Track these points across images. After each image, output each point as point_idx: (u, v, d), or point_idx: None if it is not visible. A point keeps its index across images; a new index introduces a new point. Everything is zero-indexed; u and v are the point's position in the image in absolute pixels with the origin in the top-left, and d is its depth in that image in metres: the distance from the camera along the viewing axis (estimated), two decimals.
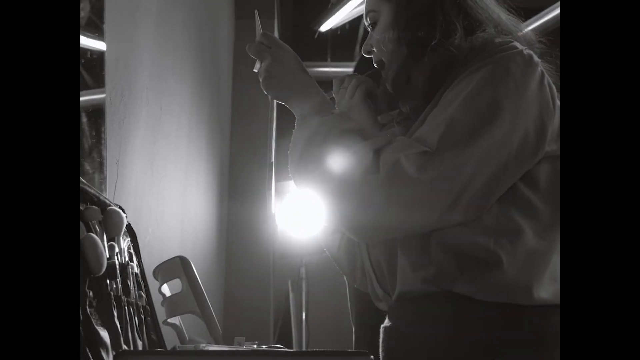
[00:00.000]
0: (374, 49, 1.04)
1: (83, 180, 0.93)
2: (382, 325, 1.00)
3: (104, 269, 0.83)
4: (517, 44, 0.92)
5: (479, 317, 0.85)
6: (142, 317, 0.96)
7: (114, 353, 0.74)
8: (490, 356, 0.84)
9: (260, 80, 1.05)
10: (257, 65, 1.06)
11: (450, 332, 0.87)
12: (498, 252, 0.84)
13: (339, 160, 0.88)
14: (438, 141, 0.84)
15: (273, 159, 3.45)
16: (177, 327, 1.05)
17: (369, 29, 1.06)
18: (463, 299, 0.86)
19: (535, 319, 0.84)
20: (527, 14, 1.05)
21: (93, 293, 0.80)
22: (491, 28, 0.96)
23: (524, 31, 1.01)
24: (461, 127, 0.85)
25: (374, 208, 0.85)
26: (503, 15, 1.00)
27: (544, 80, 0.89)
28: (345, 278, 1.62)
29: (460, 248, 0.86)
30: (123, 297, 0.89)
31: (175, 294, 1.05)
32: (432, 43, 0.94)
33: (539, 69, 0.90)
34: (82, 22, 1.11)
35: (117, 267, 0.89)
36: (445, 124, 0.85)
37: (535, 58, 0.90)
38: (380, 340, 0.98)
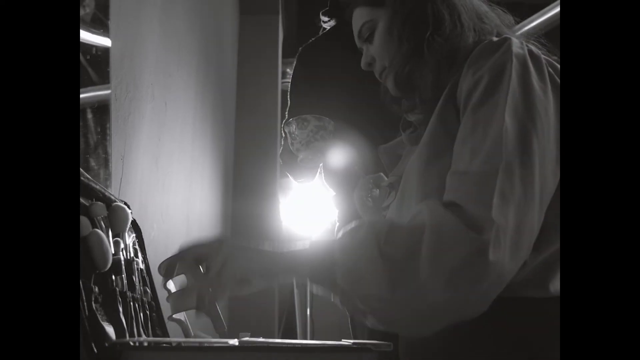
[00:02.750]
0: (375, 58, 1.06)
1: (88, 176, 0.93)
2: None
3: (109, 265, 0.84)
4: (515, 40, 0.91)
5: (494, 311, 0.85)
6: (148, 312, 0.97)
7: (108, 344, 0.73)
8: (507, 348, 0.84)
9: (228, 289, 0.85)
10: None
11: (465, 326, 0.86)
12: None
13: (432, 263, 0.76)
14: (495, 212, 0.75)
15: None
16: (182, 322, 1.05)
17: (362, 47, 1.08)
18: None
19: (549, 310, 0.83)
20: (531, 10, 1.06)
21: (98, 289, 0.80)
22: (476, 20, 0.98)
23: (515, 26, 1.03)
24: (509, 182, 0.77)
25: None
26: (486, 8, 1.03)
27: (545, 74, 0.88)
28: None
29: None
30: (128, 293, 0.89)
31: (181, 289, 1.05)
32: (427, 35, 0.96)
33: (543, 59, 0.89)
34: (87, 18, 1.11)
35: (123, 263, 0.89)
36: (488, 181, 0.78)
37: (535, 49, 0.90)
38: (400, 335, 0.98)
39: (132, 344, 0.73)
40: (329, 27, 1.75)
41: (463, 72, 0.91)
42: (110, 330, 0.77)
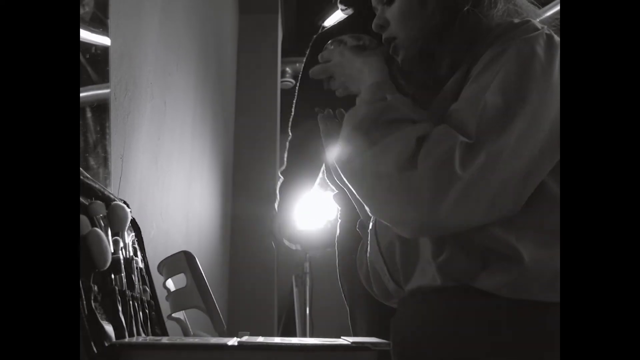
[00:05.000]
0: (391, 23, 1.02)
1: (87, 175, 0.93)
2: (392, 319, 0.99)
3: (108, 264, 0.84)
4: (536, 23, 0.91)
5: (498, 314, 0.82)
6: (147, 311, 0.97)
7: (107, 343, 0.74)
8: (508, 353, 0.81)
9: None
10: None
11: (468, 328, 0.84)
12: (519, 249, 0.81)
13: (378, 153, 0.86)
14: (475, 131, 0.82)
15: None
16: (181, 321, 1.06)
17: (378, 7, 1.04)
18: (483, 294, 0.83)
19: (556, 315, 0.81)
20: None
21: (98, 288, 0.80)
22: (507, 3, 0.97)
23: (542, 17, 1.01)
24: (493, 113, 0.82)
25: (417, 205, 0.82)
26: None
27: None
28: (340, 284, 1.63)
29: (482, 242, 0.84)
30: (128, 292, 0.89)
31: (180, 288, 1.05)
32: (465, 9, 0.93)
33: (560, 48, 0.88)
34: (87, 17, 1.11)
35: (122, 261, 0.89)
36: (479, 112, 0.83)
37: (556, 37, 0.89)
38: (392, 334, 0.96)
39: (131, 343, 0.73)
40: (346, 15, 1.73)
41: (483, 53, 0.90)
42: (109, 329, 0.77)
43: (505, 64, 0.86)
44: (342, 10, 1.73)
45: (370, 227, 1.04)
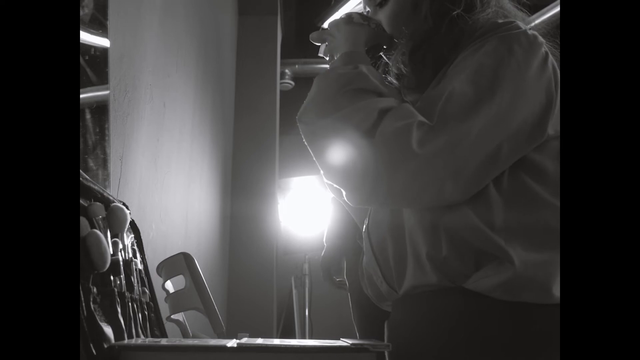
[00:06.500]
0: (382, 25, 1.05)
1: (87, 176, 0.93)
2: (387, 321, 0.99)
3: (107, 265, 0.84)
4: (520, 23, 0.91)
5: (492, 315, 0.83)
6: (146, 313, 0.96)
7: (106, 345, 0.74)
8: (503, 355, 0.82)
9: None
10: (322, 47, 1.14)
11: (462, 329, 0.84)
12: (509, 251, 0.82)
13: (340, 118, 0.87)
14: (437, 114, 0.83)
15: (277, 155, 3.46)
16: (180, 323, 1.06)
17: (369, 10, 1.07)
18: (477, 295, 0.83)
19: (550, 317, 0.81)
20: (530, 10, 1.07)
21: (97, 289, 0.80)
22: (496, 7, 0.98)
23: (532, 24, 1.02)
24: (460, 101, 0.83)
25: (367, 174, 0.84)
26: (507, 5, 1.02)
27: (547, 61, 0.88)
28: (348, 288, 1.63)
29: (475, 244, 0.84)
30: (127, 294, 0.89)
31: (179, 290, 1.05)
32: (454, 14, 0.95)
33: (543, 49, 0.88)
34: (86, 18, 1.11)
35: (121, 263, 0.89)
36: (445, 97, 0.84)
37: (540, 38, 0.89)
38: (386, 337, 0.96)
39: (130, 344, 0.73)
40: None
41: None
42: (108, 330, 0.77)
43: (481, 57, 0.86)
44: None
45: (363, 229, 1.04)
